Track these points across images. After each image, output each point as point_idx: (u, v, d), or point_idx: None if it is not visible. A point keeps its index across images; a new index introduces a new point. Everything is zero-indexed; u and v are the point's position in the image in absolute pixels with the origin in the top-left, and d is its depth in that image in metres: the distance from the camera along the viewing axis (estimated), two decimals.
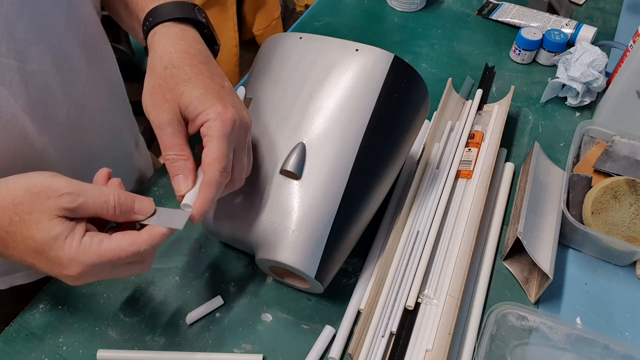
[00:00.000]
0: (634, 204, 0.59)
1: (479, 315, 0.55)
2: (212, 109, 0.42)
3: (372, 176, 0.53)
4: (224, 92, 0.45)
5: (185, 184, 0.44)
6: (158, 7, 0.48)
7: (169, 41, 0.46)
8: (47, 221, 0.37)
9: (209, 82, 0.44)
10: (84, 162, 0.56)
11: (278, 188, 0.50)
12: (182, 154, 0.44)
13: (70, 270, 0.38)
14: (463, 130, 0.69)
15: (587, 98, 0.78)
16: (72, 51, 0.51)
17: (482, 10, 1.00)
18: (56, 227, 0.37)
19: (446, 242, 0.58)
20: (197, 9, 0.50)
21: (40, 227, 0.37)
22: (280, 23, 1.80)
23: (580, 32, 0.89)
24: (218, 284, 0.57)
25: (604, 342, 0.51)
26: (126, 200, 0.40)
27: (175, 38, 0.46)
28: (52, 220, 0.37)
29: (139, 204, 0.41)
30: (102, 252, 0.38)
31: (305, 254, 0.49)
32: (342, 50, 0.54)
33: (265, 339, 0.53)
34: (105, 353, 0.51)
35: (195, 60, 0.45)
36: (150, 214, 0.42)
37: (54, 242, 0.37)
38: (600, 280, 0.59)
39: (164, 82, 0.44)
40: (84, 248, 0.38)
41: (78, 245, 0.38)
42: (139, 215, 0.41)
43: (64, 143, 0.53)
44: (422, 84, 0.57)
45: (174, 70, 0.44)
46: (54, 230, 0.37)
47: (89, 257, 0.38)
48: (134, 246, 0.39)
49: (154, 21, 0.47)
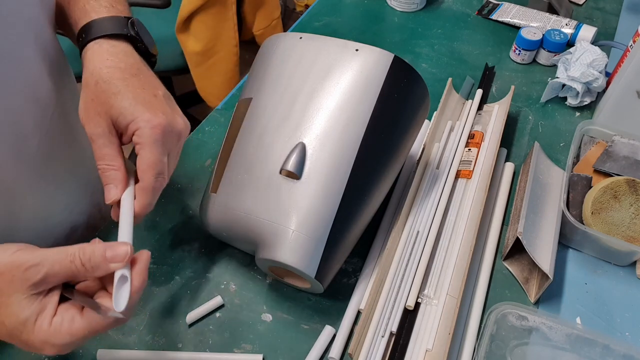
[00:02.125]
0: (634, 204, 0.59)
1: (479, 315, 0.55)
2: (140, 117, 0.44)
3: (372, 176, 0.53)
4: (156, 100, 0.46)
5: (114, 192, 0.45)
6: (90, 24, 0.49)
7: (99, 58, 0.47)
8: (16, 304, 0.36)
9: (139, 92, 0.45)
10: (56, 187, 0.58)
11: (278, 188, 0.50)
12: (113, 164, 0.45)
13: (46, 351, 0.37)
14: (463, 130, 0.69)
15: (587, 98, 0.78)
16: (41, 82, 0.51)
17: (482, 10, 1.00)
18: (25, 311, 0.36)
19: (446, 242, 0.58)
20: (130, 22, 0.51)
21: (9, 312, 0.36)
22: (280, 23, 1.80)
23: (580, 32, 0.89)
24: (218, 284, 0.57)
25: (604, 342, 0.51)
26: (93, 252, 0.37)
27: (106, 54, 0.47)
28: (21, 302, 0.36)
29: (110, 252, 0.38)
30: (74, 332, 0.37)
31: (305, 254, 0.49)
32: (342, 50, 0.54)
33: (265, 339, 0.53)
34: (105, 353, 0.51)
35: (125, 74, 0.46)
36: (125, 258, 0.38)
37: (24, 326, 0.36)
38: (600, 280, 0.59)
39: (96, 97, 0.45)
40: (55, 330, 0.36)
41: (48, 327, 0.36)
42: (116, 264, 0.38)
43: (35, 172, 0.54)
44: (422, 84, 0.57)
45: (104, 84, 0.45)
46: (22, 314, 0.36)
47: (62, 338, 0.36)
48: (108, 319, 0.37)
49: (86, 38, 0.48)
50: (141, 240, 0.60)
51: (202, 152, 0.71)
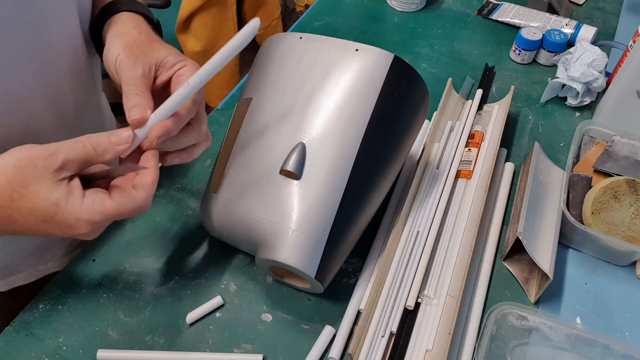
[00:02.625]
0: (634, 204, 0.59)
1: (479, 315, 0.55)
2: (188, 60, 0.49)
3: (372, 176, 0.53)
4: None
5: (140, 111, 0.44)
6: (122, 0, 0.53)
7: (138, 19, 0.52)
8: (45, 189, 0.39)
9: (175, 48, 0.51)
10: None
11: (278, 188, 0.50)
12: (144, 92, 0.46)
13: (81, 229, 0.41)
14: (463, 130, 0.69)
15: (587, 98, 0.78)
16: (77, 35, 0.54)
17: (482, 10, 1.00)
18: (54, 193, 0.39)
19: (446, 242, 0.58)
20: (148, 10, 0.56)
21: (40, 197, 0.39)
22: (280, 23, 1.80)
23: (580, 32, 0.89)
24: (218, 284, 0.57)
25: (604, 342, 0.51)
26: (100, 138, 0.42)
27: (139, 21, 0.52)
28: (49, 187, 0.39)
29: (115, 138, 0.42)
30: (106, 211, 0.41)
31: (305, 254, 0.49)
32: (342, 50, 0.54)
33: (265, 339, 0.53)
34: (105, 353, 0.51)
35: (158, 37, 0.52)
36: (129, 140, 0.43)
37: (57, 207, 0.40)
38: (600, 280, 0.59)
39: (140, 40, 0.49)
40: (88, 207, 0.40)
41: (81, 205, 0.40)
42: (120, 146, 0.42)
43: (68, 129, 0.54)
44: (422, 84, 0.57)
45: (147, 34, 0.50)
46: (53, 196, 0.39)
47: (94, 215, 0.41)
48: (135, 203, 0.42)
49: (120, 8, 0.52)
50: (141, 239, 0.60)
51: None
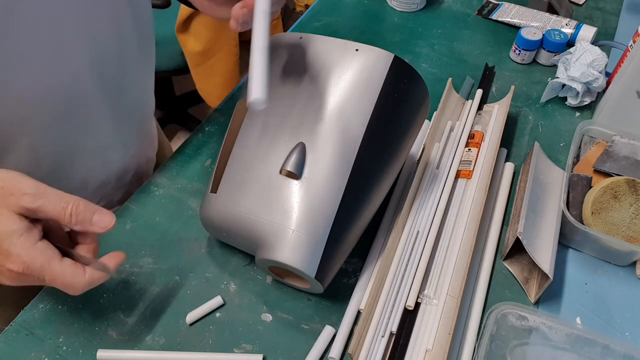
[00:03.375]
0: (634, 204, 0.59)
1: (479, 315, 0.55)
2: None
3: (372, 176, 0.53)
4: None
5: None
6: None
7: None
8: (6, 215, 0.39)
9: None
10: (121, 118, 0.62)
11: (278, 188, 0.50)
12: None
13: (14, 266, 0.40)
14: (463, 130, 0.69)
15: (587, 98, 0.78)
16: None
17: (482, 10, 1.00)
18: (15, 223, 0.39)
19: (446, 242, 0.58)
20: None
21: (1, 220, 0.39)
22: (280, 23, 1.80)
23: (580, 32, 0.89)
24: (218, 284, 0.57)
25: (604, 342, 0.51)
26: (85, 210, 0.42)
27: None
28: (12, 216, 0.39)
29: (98, 216, 0.42)
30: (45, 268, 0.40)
31: (305, 254, 0.49)
32: (342, 50, 0.54)
33: (265, 339, 0.53)
34: (105, 353, 0.51)
35: None
36: (108, 227, 0.43)
37: (9, 237, 0.39)
38: (600, 280, 0.59)
39: None
40: (35, 253, 0.40)
41: (30, 247, 0.40)
42: (96, 227, 0.42)
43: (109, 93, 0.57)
44: (422, 84, 0.57)
45: None
46: (11, 226, 0.39)
47: (35, 263, 0.40)
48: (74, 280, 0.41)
49: None
50: (141, 240, 0.60)
51: (202, 152, 0.71)
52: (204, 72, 1.50)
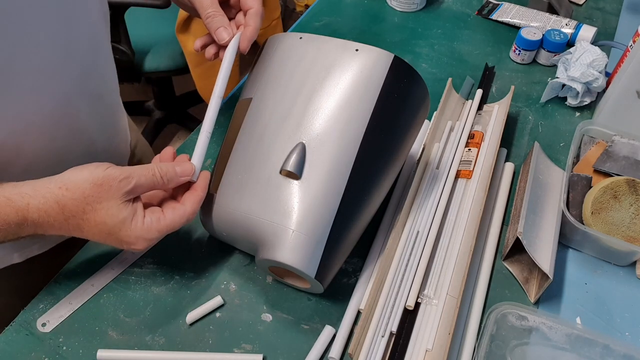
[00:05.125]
0: (634, 204, 0.59)
1: (479, 315, 0.55)
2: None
3: (372, 176, 0.53)
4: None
5: (227, 32, 0.55)
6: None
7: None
8: (115, 207, 0.45)
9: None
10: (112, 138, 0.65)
11: (278, 188, 0.50)
12: (219, 10, 0.55)
13: (138, 246, 0.47)
14: (463, 130, 0.69)
15: (587, 98, 0.78)
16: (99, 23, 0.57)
17: (482, 10, 1.00)
18: (122, 212, 0.45)
19: (446, 242, 0.58)
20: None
21: (110, 213, 0.45)
22: (280, 23, 1.80)
23: (580, 32, 0.89)
24: (218, 284, 0.57)
25: (604, 342, 0.51)
26: (167, 169, 0.48)
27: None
28: (119, 206, 0.45)
29: (180, 168, 0.49)
30: (161, 228, 0.47)
31: (305, 254, 0.49)
32: (342, 50, 0.54)
33: (265, 339, 0.53)
34: (105, 353, 0.51)
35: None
36: (192, 172, 0.50)
37: (122, 224, 0.45)
38: (600, 280, 0.59)
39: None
40: (147, 227, 0.46)
41: (142, 225, 0.46)
42: (184, 177, 0.49)
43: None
44: (422, 84, 0.57)
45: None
46: (121, 215, 0.45)
47: (151, 234, 0.47)
48: (184, 217, 0.48)
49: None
50: None
51: None
52: (204, 72, 1.50)
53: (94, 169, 0.45)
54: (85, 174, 0.45)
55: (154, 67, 1.48)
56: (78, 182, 0.44)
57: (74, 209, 0.44)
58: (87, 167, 0.45)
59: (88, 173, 0.45)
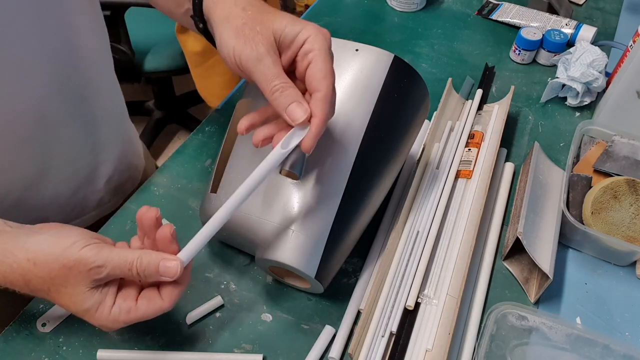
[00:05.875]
0: (634, 204, 0.59)
1: (479, 315, 0.55)
2: (309, 26, 0.44)
3: (372, 176, 0.53)
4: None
5: (302, 109, 0.42)
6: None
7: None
8: (80, 295, 0.42)
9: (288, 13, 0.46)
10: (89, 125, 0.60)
11: (278, 188, 0.50)
12: (288, 81, 0.43)
13: (104, 329, 0.44)
14: (463, 130, 0.69)
15: (587, 98, 0.78)
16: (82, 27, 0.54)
17: (482, 10, 1.00)
18: (87, 301, 0.42)
19: (446, 242, 0.58)
20: None
21: (74, 300, 0.42)
22: None
23: (580, 32, 0.89)
24: (218, 284, 0.57)
25: (604, 342, 0.51)
26: (149, 265, 0.43)
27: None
28: (85, 294, 0.42)
29: (163, 267, 0.43)
30: (129, 320, 0.44)
31: (305, 254, 0.49)
32: (342, 50, 0.54)
33: (265, 339, 0.53)
34: (105, 353, 0.51)
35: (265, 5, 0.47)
36: (175, 275, 0.43)
37: (86, 312, 0.43)
38: (600, 280, 0.59)
39: (249, 20, 0.45)
40: (113, 318, 0.43)
41: (107, 316, 0.43)
42: (164, 277, 0.43)
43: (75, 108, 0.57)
44: (422, 84, 0.57)
45: (253, 8, 0.46)
46: (85, 304, 0.42)
47: (117, 324, 0.43)
48: (159, 312, 0.44)
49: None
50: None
51: (202, 152, 0.71)
52: (204, 72, 1.50)
53: (69, 247, 0.41)
54: (57, 252, 0.41)
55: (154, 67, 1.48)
56: (48, 259, 0.41)
57: (39, 287, 0.42)
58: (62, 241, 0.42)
59: (60, 251, 0.41)
